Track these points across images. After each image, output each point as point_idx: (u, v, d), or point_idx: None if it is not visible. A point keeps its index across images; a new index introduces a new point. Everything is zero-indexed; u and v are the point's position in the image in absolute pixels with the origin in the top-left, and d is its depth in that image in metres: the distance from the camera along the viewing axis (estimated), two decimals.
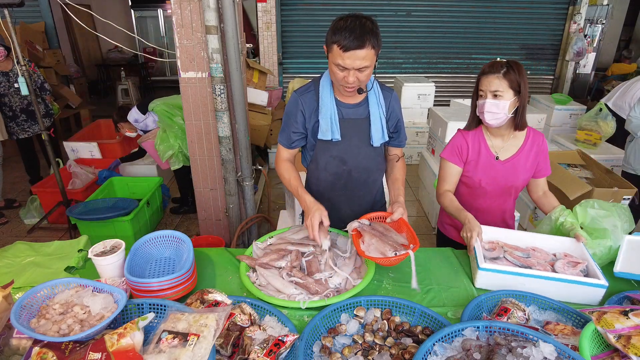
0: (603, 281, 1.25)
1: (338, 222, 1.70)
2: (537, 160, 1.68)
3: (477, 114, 1.63)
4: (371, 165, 1.64)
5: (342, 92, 1.49)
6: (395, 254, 1.28)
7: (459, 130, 1.76)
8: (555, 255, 1.46)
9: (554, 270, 1.35)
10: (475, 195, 1.76)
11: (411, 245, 1.32)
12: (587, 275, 1.34)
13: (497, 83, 1.51)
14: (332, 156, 1.59)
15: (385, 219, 1.49)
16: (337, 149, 1.58)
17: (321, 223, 1.40)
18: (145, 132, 3.60)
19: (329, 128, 1.52)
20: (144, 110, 3.45)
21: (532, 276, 1.28)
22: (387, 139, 1.61)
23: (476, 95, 1.61)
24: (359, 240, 1.38)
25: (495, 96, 1.53)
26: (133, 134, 3.68)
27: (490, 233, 1.54)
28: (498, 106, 1.53)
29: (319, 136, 1.54)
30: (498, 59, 1.59)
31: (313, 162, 1.65)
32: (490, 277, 1.32)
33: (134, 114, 3.50)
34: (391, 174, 1.70)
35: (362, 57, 1.31)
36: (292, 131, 1.58)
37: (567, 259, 1.41)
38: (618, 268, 1.38)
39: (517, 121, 1.60)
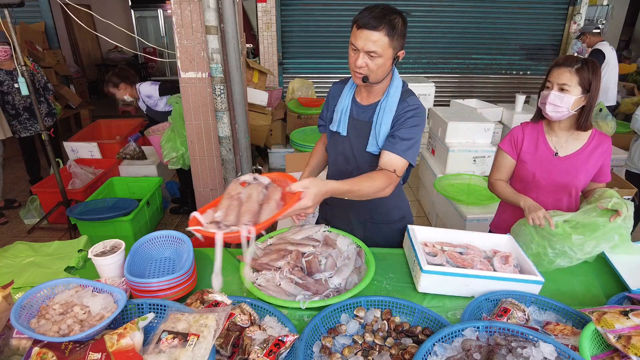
0: (539, 278, 1.27)
1: (339, 223, 1.68)
2: (600, 164, 1.63)
3: (539, 105, 1.61)
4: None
5: (354, 81, 1.44)
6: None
7: (521, 123, 1.76)
8: (485, 252, 1.48)
9: (493, 268, 1.37)
10: (528, 189, 1.72)
11: (249, 225, 1.02)
12: (520, 269, 1.38)
13: (567, 76, 1.49)
14: (339, 152, 1.60)
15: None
16: (342, 146, 1.58)
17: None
18: (149, 107, 3.56)
19: (337, 120, 1.54)
20: (163, 93, 3.45)
21: (475, 276, 1.27)
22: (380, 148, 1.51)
23: (544, 88, 1.59)
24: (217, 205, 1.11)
25: (562, 89, 1.51)
26: (130, 99, 3.59)
27: (424, 232, 1.53)
28: (562, 100, 1.51)
29: (330, 126, 1.59)
30: (575, 54, 1.57)
31: (328, 155, 1.69)
32: (434, 280, 1.29)
33: (149, 88, 3.47)
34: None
35: (374, 41, 1.28)
36: (323, 117, 1.67)
37: (498, 254, 1.43)
38: (633, 286, 1.33)
39: (582, 121, 1.56)
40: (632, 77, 6.55)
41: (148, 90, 3.49)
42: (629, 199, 2.70)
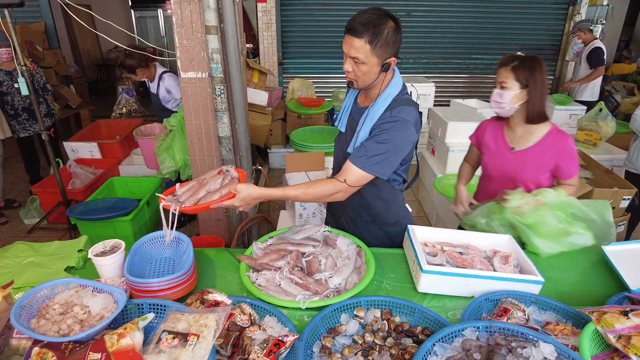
0: (539, 278, 1.27)
1: (338, 219, 1.69)
2: (556, 162, 1.67)
3: None
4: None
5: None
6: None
7: (491, 117, 1.90)
8: (485, 252, 1.49)
9: (493, 268, 1.38)
10: (486, 179, 1.90)
11: (175, 205, 1.29)
12: (520, 269, 1.38)
13: (504, 74, 1.62)
14: (340, 147, 1.64)
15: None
16: (342, 142, 1.61)
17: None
18: (156, 95, 3.43)
19: (340, 116, 1.61)
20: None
21: (475, 276, 1.27)
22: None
23: None
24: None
25: (502, 87, 1.63)
26: (142, 79, 3.43)
27: (424, 232, 1.52)
28: (502, 96, 1.63)
29: (335, 123, 1.64)
30: (518, 53, 1.70)
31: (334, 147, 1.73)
32: (434, 280, 1.29)
33: (176, 87, 3.31)
34: (321, 179, 1.45)
35: (356, 47, 1.28)
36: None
37: (498, 255, 1.43)
38: (633, 286, 1.32)
39: (528, 114, 1.65)
40: (632, 77, 6.55)
41: (172, 87, 3.37)
42: (628, 199, 2.70)
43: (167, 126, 3.16)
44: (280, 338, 1.03)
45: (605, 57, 4.59)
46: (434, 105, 4.95)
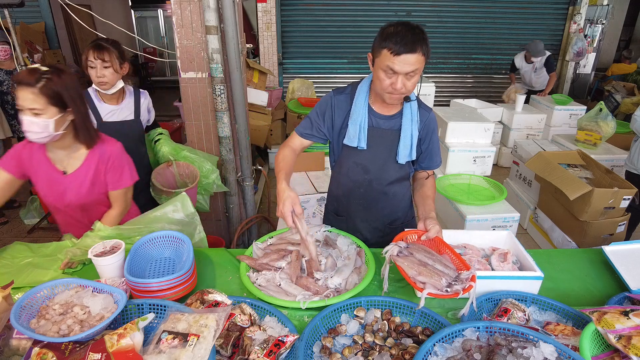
0: (539, 273, 1.27)
1: (352, 231, 1.66)
2: (104, 174, 1.58)
3: None
4: (394, 179, 1.59)
5: (386, 100, 1.42)
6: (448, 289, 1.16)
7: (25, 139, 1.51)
8: (484, 250, 1.49)
9: (491, 267, 1.38)
10: (53, 211, 1.68)
11: (469, 276, 1.18)
12: (520, 266, 1.38)
13: (31, 99, 1.32)
14: (356, 163, 1.56)
15: (420, 237, 1.40)
16: (361, 157, 1.55)
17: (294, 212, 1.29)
18: (138, 122, 2.23)
19: (356, 135, 1.49)
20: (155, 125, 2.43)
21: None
22: (413, 158, 1.55)
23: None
24: (405, 271, 1.23)
25: (35, 114, 1.34)
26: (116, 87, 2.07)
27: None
28: (40, 126, 1.35)
29: (345, 141, 1.52)
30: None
31: (337, 164, 1.64)
32: None
33: (151, 107, 2.34)
34: (420, 191, 1.62)
35: (413, 62, 1.29)
36: (315, 127, 1.56)
37: (496, 252, 1.43)
38: (633, 286, 1.32)
39: (83, 138, 1.47)
40: (632, 77, 6.55)
41: (150, 106, 2.33)
42: (629, 198, 2.70)
43: (173, 160, 2.32)
44: (280, 338, 1.03)
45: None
46: (434, 105, 4.95)
